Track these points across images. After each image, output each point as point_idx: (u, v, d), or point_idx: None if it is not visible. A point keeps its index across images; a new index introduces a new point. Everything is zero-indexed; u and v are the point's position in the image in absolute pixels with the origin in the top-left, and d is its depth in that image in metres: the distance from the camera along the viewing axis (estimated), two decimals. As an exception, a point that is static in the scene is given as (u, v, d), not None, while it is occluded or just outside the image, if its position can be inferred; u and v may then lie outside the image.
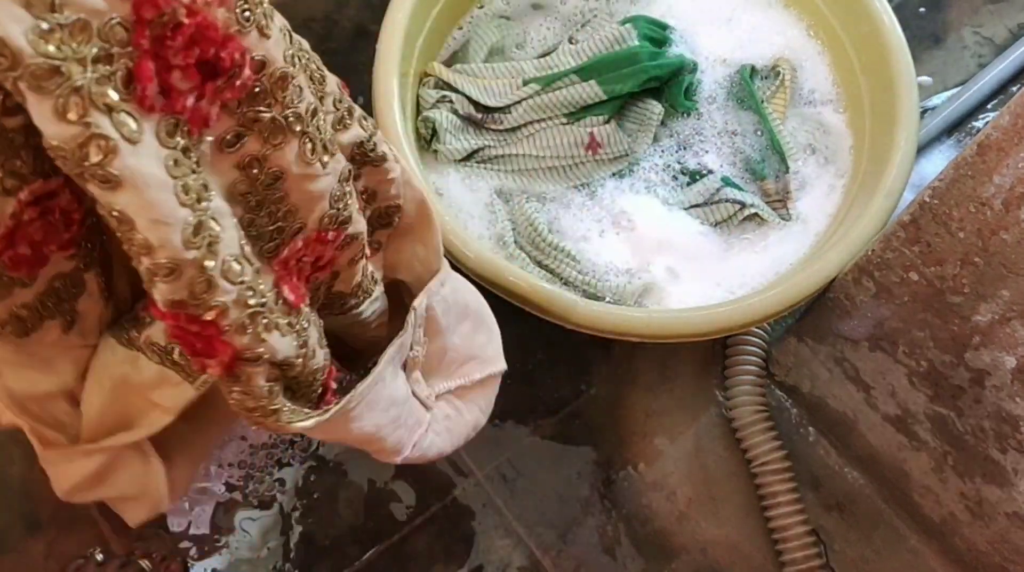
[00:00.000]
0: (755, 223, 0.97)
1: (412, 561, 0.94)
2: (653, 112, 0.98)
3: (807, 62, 1.05)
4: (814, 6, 1.04)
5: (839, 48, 1.02)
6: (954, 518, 0.86)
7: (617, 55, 0.98)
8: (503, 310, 0.88)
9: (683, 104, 0.99)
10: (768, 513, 0.95)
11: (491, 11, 1.06)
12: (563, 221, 0.96)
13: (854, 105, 1.01)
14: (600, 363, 1.03)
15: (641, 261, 0.94)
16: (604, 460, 0.99)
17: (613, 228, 0.96)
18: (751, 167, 1.00)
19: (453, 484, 0.97)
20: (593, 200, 0.97)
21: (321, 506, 0.96)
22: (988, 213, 0.63)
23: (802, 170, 1.00)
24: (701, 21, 1.06)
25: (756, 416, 0.97)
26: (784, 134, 1.00)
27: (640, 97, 1.00)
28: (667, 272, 0.94)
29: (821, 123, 1.02)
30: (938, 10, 1.26)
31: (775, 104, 1.01)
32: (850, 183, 0.97)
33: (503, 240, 0.93)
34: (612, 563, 0.95)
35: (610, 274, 0.93)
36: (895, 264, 0.73)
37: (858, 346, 0.84)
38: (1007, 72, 1.16)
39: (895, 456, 0.89)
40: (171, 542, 0.93)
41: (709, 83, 1.03)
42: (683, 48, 1.03)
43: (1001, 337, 0.68)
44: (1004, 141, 0.60)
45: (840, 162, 0.99)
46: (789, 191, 0.98)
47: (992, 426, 0.74)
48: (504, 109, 0.98)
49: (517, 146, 0.98)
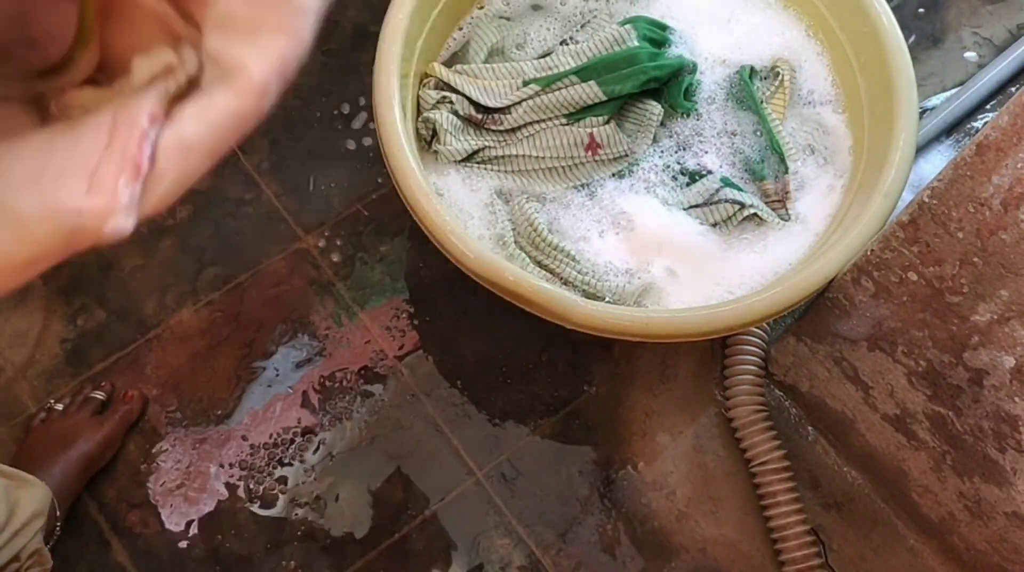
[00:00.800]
0: (754, 223, 0.97)
1: (412, 560, 0.94)
2: (653, 113, 0.98)
3: (806, 63, 1.05)
4: (813, 7, 1.04)
5: (838, 49, 1.02)
6: (953, 517, 0.86)
7: (617, 56, 0.98)
8: (503, 310, 0.88)
9: (682, 105, 0.99)
10: (767, 512, 0.96)
11: (491, 12, 1.06)
12: (563, 221, 0.96)
13: (853, 105, 1.01)
14: (600, 363, 1.04)
15: (641, 261, 0.94)
16: (604, 459, 0.99)
17: (613, 228, 0.96)
18: (750, 167, 1.00)
19: (453, 483, 0.98)
20: (593, 200, 0.97)
21: (322, 505, 0.96)
22: (987, 213, 0.63)
23: (801, 170, 1.00)
24: (700, 22, 1.06)
25: (755, 415, 0.97)
26: (783, 134, 1.00)
27: (640, 98, 1.00)
28: (666, 272, 0.94)
29: (820, 123, 1.02)
30: (937, 11, 1.27)
31: (774, 104, 1.02)
32: (849, 183, 0.97)
33: (503, 240, 0.93)
34: (612, 562, 0.95)
35: (610, 274, 0.93)
36: (894, 264, 0.73)
37: (857, 346, 0.84)
38: (1006, 73, 1.16)
39: (894, 455, 0.89)
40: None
41: (708, 84, 1.03)
42: (682, 49, 1.03)
43: (1000, 337, 0.68)
44: (1003, 141, 0.60)
45: (839, 162, 1.00)
46: (788, 191, 0.98)
47: (991, 426, 0.74)
48: (504, 110, 0.98)
49: (517, 147, 0.98)
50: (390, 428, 1.00)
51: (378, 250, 1.08)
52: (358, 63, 1.18)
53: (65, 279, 1.06)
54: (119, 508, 0.96)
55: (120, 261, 1.07)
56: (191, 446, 0.98)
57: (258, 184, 1.11)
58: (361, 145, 1.14)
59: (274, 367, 1.02)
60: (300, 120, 1.15)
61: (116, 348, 1.03)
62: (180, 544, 0.94)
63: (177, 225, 1.09)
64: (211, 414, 1.00)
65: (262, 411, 1.00)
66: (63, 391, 1.00)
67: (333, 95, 1.16)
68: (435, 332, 1.04)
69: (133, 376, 1.01)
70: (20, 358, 1.02)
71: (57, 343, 1.03)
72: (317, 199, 1.11)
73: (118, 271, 1.06)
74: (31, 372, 1.01)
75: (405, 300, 1.06)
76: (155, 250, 1.07)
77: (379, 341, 1.03)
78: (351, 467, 0.98)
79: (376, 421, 1.00)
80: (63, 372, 1.01)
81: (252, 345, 1.03)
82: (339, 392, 1.01)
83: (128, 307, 1.05)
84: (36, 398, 1.00)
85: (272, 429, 0.99)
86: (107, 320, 1.04)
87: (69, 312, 1.04)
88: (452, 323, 1.05)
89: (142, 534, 0.95)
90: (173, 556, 0.94)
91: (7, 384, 1.01)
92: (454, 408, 1.01)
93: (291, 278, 1.06)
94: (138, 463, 0.98)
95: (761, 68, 1.05)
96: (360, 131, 1.15)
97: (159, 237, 1.08)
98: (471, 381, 1.02)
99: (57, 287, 1.05)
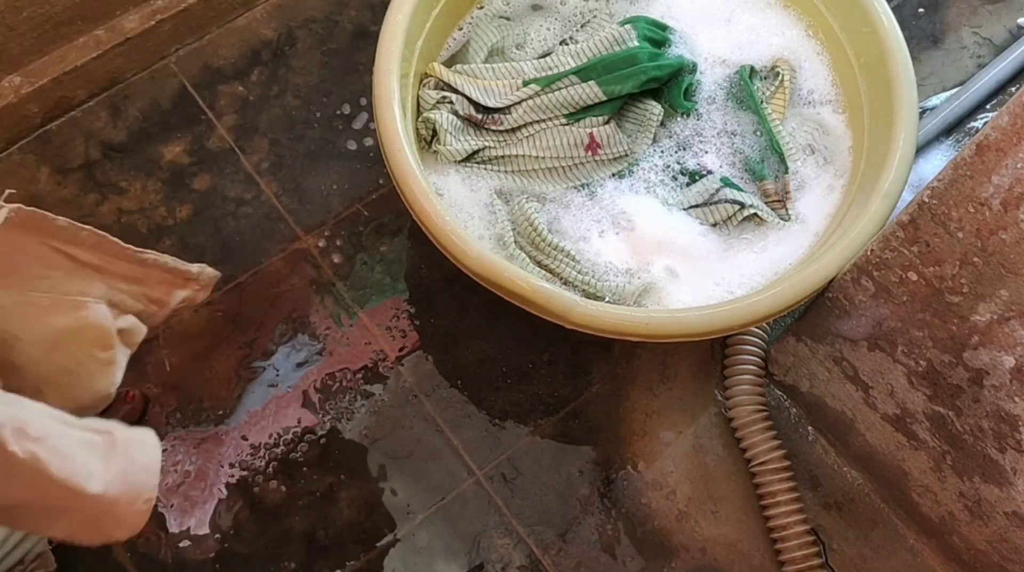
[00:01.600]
0: (754, 223, 0.97)
1: (412, 560, 0.95)
2: (652, 113, 0.99)
3: (806, 62, 1.05)
4: (813, 7, 1.04)
5: (838, 48, 1.02)
6: (953, 517, 0.86)
7: (617, 56, 0.98)
8: (503, 310, 0.88)
9: (682, 105, 0.99)
10: (767, 512, 0.96)
11: (491, 12, 1.06)
12: (563, 221, 0.96)
13: (853, 105, 1.01)
14: (600, 363, 1.04)
15: (641, 261, 0.94)
16: (604, 459, 0.99)
17: (613, 228, 0.96)
18: (750, 167, 1.00)
19: (453, 483, 0.98)
20: (593, 201, 0.97)
21: (322, 505, 0.96)
22: (987, 213, 0.63)
23: (801, 170, 1.00)
24: (700, 22, 1.07)
25: (755, 415, 0.98)
26: (783, 134, 1.00)
27: (640, 98, 1.00)
28: (666, 272, 0.94)
29: (820, 123, 1.02)
30: (937, 11, 1.27)
31: (774, 105, 1.02)
32: (849, 183, 0.97)
33: (503, 240, 0.93)
34: (612, 562, 0.95)
35: (610, 274, 0.93)
36: (894, 264, 0.73)
37: (857, 346, 0.84)
38: (1006, 73, 1.16)
39: (894, 455, 0.89)
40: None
41: (708, 84, 1.03)
42: (683, 49, 1.03)
43: (1000, 337, 0.68)
44: (1003, 141, 0.60)
45: (839, 162, 1.00)
46: (788, 191, 0.98)
47: (991, 425, 0.74)
48: (504, 110, 0.98)
49: (517, 147, 0.98)
50: (390, 428, 1.00)
51: (378, 250, 1.08)
52: (357, 62, 1.18)
53: (65, 279, 1.06)
54: (119, 508, 0.96)
55: (120, 261, 1.07)
56: (191, 446, 0.98)
57: (258, 184, 1.11)
58: (361, 145, 1.14)
59: (274, 367, 1.02)
60: (300, 120, 1.15)
61: (116, 348, 1.03)
62: (180, 544, 0.94)
63: (177, 225, 1.09)
64: (211, 414, 1.00)
65: (262, 411, 1.00)
66: (63, 391, 1.00)
67: (333, 95, 1.16)
68: (435, 332, 1.04)
69: (133, 376, 1.01)
70: (20, 358, 1.02)
71: (57, 343, 1.03)
72: (317, 199, 1.11)
73: (118, 271, 1.06)
74: (31, 372, 1.01)
75: (405, 300, 1.06)
76: (155, 250, 1.07)
77: (379, 341, 1.03)
78: (351, 467, 0.98)
79: (376, 421, 1.00)
80: (63, 372, 1.01)
81: (252, 345, 1.03)
82: (339, 392, 1.01)
83: (128, 307, 1.05)
84: (36, 398, 1.00)
85: (272, 429, 0.99)
86: (107, 320, 1.04)
87: (69, 312, 1.04)
88: (452, 323, 1.05)
89: (142, 534, 0.95)
90: (173, 556, 0.94)
91: (7, 384, 1.01)
92: (454, 408, 1.01)
93: (291, 278, 1.07)
94: (138, 463, 0.98)
95: (761, 68, 1.05)
96: (360, 131, 1.15)
97: (159, 237, 1.08)
98: (471, 381, 1.02)
99: (57, 287, 1.05)
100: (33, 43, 1.07)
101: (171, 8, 1.14)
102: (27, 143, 1.13)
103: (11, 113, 1.09)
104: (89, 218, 1.08)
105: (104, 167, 1.12)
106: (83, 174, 1.11)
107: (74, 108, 1.15)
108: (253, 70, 1.17)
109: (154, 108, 1.15)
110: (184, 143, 1.13)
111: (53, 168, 1.11)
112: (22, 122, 1.11)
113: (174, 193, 1.11)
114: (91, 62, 1.11)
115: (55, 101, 1.12)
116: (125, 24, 1.13)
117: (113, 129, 1.14)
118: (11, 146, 1.13)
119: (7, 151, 1.12)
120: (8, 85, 1.08)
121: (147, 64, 1.17)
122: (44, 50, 1.09)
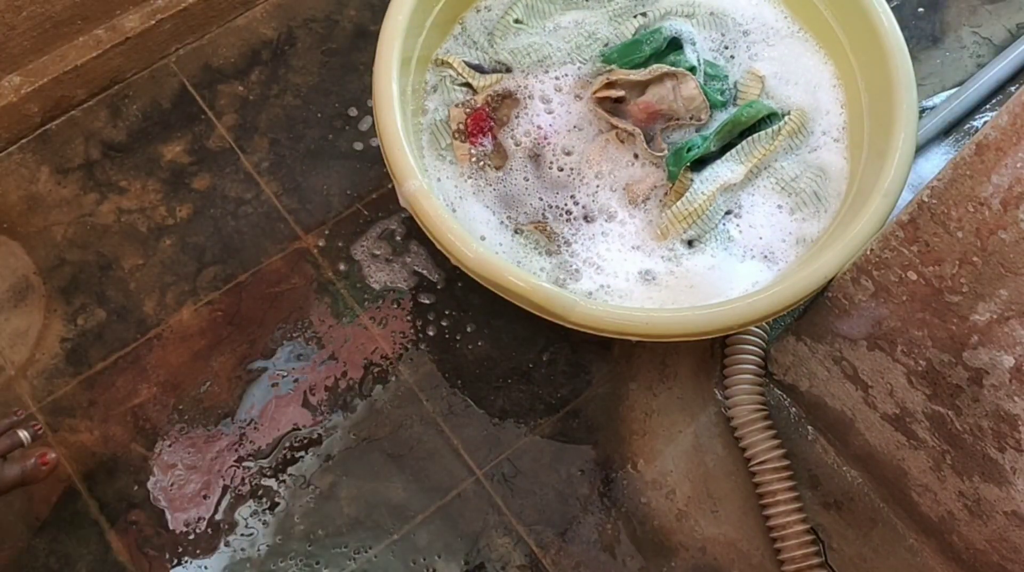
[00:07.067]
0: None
1: (412, 560, 0.95)
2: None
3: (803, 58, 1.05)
4: (812, 6, 1.04)
5: (838, 48, 1.02)
6: (952, 517, 0.87)
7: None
8: (503, 310, 0.88)
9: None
10: (767, 511, 0.96)
11: (507, 17, 1.06)
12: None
13: (852, 105, 1.01)
14: (600, 362, 1.04)
15: None
16: (603, 459, 1.00)
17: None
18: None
19: (453, 482, 0.98)
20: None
21: (322, 504, 0.97)
22: (986, 213, 0.63)
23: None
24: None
25: (755, 415, 0.98)
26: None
27: None
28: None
29: (821, 168, 1.00)
30: (937, 10, 1.27)
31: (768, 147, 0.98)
32: (849, 183, 0.97)
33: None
34: (611, 561, 0.95)
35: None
36: (893, 263, 0.73)
37: (856, 345, 0.84)
38: (1005, 72, 1.16)
39: (893, 455, 0.89)
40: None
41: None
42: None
43: (999, 336, 0.68)
44: (1002, 141, 0.60)
45: (839, 162, 0.99)
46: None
47: (990, 425, 0.74)
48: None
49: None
50: (390, 428, 1.00)
51: (378, 250, 1.08)
52: (357, 62, 1.18)
53: (65, 278, 1.06)
54: (119, 508, 0.96)
55: (120, 260, 1.07)
56: (191, 446, 0.99)
57: (258, 184, 1.11)
58: (362, 145, 1.14)
59: (274, 366, 1.02)
60: (300, 120, 1.15)
61: (116, 347, 1.03)
62: (181, 544, 0.94)
63: (177, 224, 1.09)
64: (211, 414, 1.00)
65: (262, 411, 1.00)
66: (63, 390, 1.00)
67: (333, 95, 1.16)
68: (435, 332, 1.04)
69: (133, 375, 1.01)
70: (20, 357, 1.02)
71: (57, 342, 1.03)
72: (317, 199, 1.11)
73: (118, 270, 1.06)
74: (31, 371, 1.01)
75: (405, 300, 1.06)
76: (155, 249, 1.07)
77: (379, 341, 1.04)
78: (351, 466, 0.98)
79: (376, 421, 1.00)
80: (63, 371, 1.01)
81: (252, 345, 1.03)
82: (339, 392, 1.01)
83: (128, 306, 1.05)
84: (36, 397, 1.00)
85: (272, 429, 0.99)
86: (107, 319, 1.04)
87: (69, 311, 1.04)
88: (452, 323, 1.05)
89: (142, 534, 0.95)
90: (174, 556, 0.94)
91: (7, 384, 1.01)
92: (454, 408, 1.01)
93: (291, 278, 1.07)
94: (138, 463, 0.98)
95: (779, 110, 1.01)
96: (361, 131, 1.15)
97: (159, 236, 1.08)
98: (471, 381, 1.02)
99: (57, 286, 1.05)
100: (33, 42, 1.07)
101: (171, 7, 1.14)
102: (27, 143, 1.13)
103: (11, 113, 1.09)
104: (89, 218, 1.09)
105: (104, 167, 1.12)
106: (83, 174, 1.11)
107: (74, 108, 1.15)
108: (253, 70, 1.17)
109: (154, 108, 1.15)
110: (184, 143, 1.13)
111: (53, 168, 1.11)
112: (22, 122, 1.11)
113: (174, 193, 1.11)
114: (91, 61, 1.11)
115: (55, 100, 1.12)
116: (125, 23, 1.13)
117: (113, 129, 1.14)
118: (11, 146, 1.13)
119: (7, 151, 1.12)
120: (8, 85, 1.08)
121: (147, 63, 1.17)
122: (44, 49, 1.09)
